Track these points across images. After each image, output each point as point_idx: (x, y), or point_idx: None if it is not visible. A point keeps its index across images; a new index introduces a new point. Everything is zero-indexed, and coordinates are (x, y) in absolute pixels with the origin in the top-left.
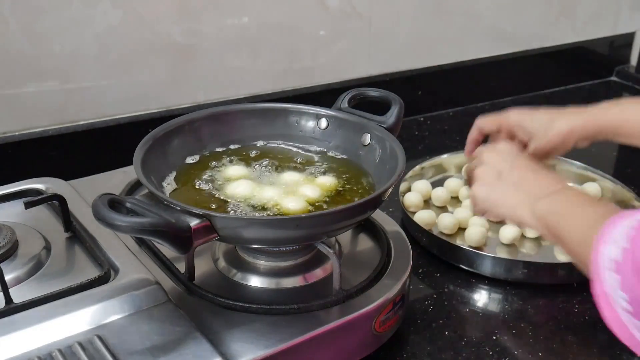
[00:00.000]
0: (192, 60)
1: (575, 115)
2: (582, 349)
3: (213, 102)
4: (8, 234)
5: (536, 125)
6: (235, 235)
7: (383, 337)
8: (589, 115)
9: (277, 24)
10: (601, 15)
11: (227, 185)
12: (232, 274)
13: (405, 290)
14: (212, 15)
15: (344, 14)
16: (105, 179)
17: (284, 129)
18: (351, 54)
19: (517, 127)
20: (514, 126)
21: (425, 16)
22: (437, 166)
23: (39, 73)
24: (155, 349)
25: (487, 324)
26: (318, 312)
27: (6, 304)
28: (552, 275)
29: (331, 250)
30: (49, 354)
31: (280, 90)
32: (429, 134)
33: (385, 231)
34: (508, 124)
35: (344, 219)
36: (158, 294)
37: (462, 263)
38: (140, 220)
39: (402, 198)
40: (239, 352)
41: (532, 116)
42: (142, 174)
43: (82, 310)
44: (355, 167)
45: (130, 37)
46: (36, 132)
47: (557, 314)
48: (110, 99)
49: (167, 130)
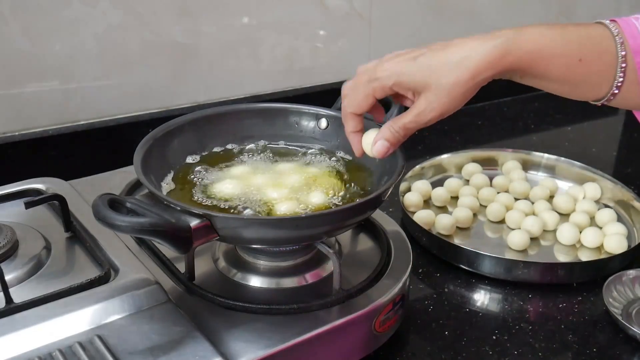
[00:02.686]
0: (192, 60)
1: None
2: (582, 349)
3: (213, 102)
4: (8, 234)
5: (420, 77)
6: (235, 235)
7: (383, 337)
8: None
9: (277, 24)
10: (601, 15)
11: (226, 185)
12: (232, 274)
13: (405, 290)
14: (212, 15)
15: (344, 14)
16: (105, 179)
17: (284, 129)
18: (351, 54)
19: (396, 87)
20: (391, 88)
21: (425, 16)
22: (437, 166)
23: (39, 73)
24: (156, 349)
25: (487, 324)
26: (318, 312)
27: (6, 304)
28: (552, 275)
29: (331, 250)
30: (49, 354)
31: (280, 90)
32: (429, 134)
33: (385, 231)
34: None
35: (343, 219)
36: (158, 294)
37: (462, 263)
38: (140, 220)
39: (402, 198)
40: (239, 352)
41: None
42: (142, 174)
43: (82, 310)
44: (356, 167)
45: (130, 37)
46: (36, 132)
47: (557, 314)
48: (110, 99)
49: (167, 130)
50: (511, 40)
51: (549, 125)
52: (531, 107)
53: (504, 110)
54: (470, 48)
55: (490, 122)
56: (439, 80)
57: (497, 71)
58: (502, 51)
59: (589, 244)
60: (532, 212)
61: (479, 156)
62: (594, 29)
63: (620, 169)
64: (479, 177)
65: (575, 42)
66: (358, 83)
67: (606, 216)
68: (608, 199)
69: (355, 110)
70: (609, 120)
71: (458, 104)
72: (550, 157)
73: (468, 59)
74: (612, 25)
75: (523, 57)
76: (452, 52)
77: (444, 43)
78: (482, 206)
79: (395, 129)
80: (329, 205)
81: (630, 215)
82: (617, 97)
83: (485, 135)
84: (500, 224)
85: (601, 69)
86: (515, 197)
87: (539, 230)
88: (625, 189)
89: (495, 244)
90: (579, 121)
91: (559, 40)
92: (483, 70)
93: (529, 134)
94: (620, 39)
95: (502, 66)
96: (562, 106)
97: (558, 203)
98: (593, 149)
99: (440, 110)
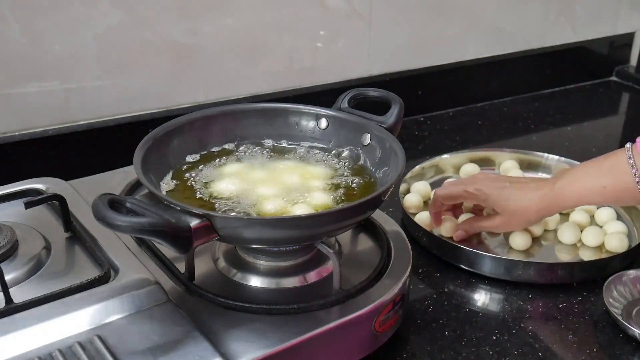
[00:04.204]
0: (192, 60)
1: (536, 195)
2: (582, 349)
3: (213, 102)
4: (8, 234)
5: (502, 204)
6: (235, 235)
7: (383, 337)
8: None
9: (277, 24)
10: (601, 15)
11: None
12: (232, 274)
13: (405, 290)
14: (212, 15)
15: (344, 14)
16: (105, 179)
17: (283, 129)
18: (351, 54)
19: (483, 203)
20: (478, 202)
21: (425, 16)
22: (437, 166)
23: (39, 73)
24: (155, 349)
25: (487, 324)
26: (318, 312)
27: (6, 304)
28: (552, 275)
29: (331, 250)
30: (49, 354)
31: (280, 90)
32: (429, 134)
33: (385, 231)
34: (470, 200)
35: (344, 219)
36: (158, 294)
37: (462, 263)
38: (140, 220)
39: (402, 199)
40: (239, 352)
41: (496, 191)
42: (142, 174)
43: (82, 310)
44: (356, 167)
45: (130, 37)
46: (36, 132)
47: (557, 314)
48: (110, 99)
49: (167, 130)
50: (558, 189)
51: (549, 125)
52: (531, 107)
53: (504, 110)
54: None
55: (490, 122)
56: (513, 213)
57: (554, 210)
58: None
59: (590, 243)
60: None
61: (476, 156)
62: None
63: None
64: None
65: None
66: (457, 185)
67: (606, 215)
68: None
69: (444, 201)
70: (609, 120)
71: (524, 226)
72: (550, 156)
73: (531, 202)
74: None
75: (567, 206)
76: (522, 194)
77: (521, 182)
78: None
79: (474, 227)
80: (329, 205)
81: (630, 215)
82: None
83: (485, 135)
84: None
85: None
86: None
87: (540, 230)
88: None
89: (496, 244)
90: (579, 121)
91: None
92: (542, 210)
93: (529, 134)
94: (631, 160)
95: (556, 208)
96: (562, 106)
97: None
98: (593, 149)
99: (509, 229)
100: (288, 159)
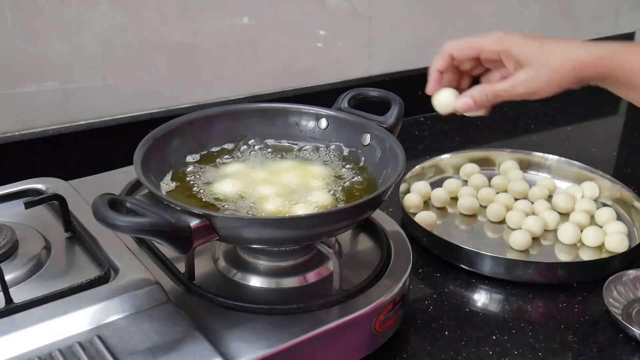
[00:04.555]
0: (192, 60)
1: (583, 48)
2: (582, 349)
3: (213, 102)
4: (8, 234)
5: (529, 52)
6: (235, 235)
7: (383, 337)
8: (601, 51)
9: (277, 24)
10: (601, 15)
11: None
12: (232, 274)
13: (405, 290)
14: (212, 15)
15: (344, 14)
16: (105, 179)
17: (284, 129)
18: (351, 54)
19: (504, 53)
20: (499, 52)
21: (425, 16)
22: (437, 166)
23: (39, 73)
24: (155, 349)
25: (487, 324)
26: (318, 312)
27: (6, 304)
28: (552, 275)
29: (331, 250)
30: (49, 354)
31: (280, 90)
32: (429, 134)
33: (385, 231)
34: (491, 51)
35: (344, 219)
36: (158, 294)
37: (462, 263)
38: (140, 220)
39: (402, 199)
40: (239, 352)
41: (523, 40)
42: (142, 174)
43: (82, 310)
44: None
45: (130, 37)
46: (36, 132)
47: (557, 314)
48: (110, 99)
49: (167, 130)
50: (615, 51)
51: (549, 125)
52: (531, 107)
53: (504, 110)
54: (578, 45)
55: (490, 122)
56: (546, 60)
57: (598, 72)
58: (607, 55)
59: (590, 243)
60: (532, 212)
61: (476, 156)
62: None
63: (620, 169)
64: (477, 178)
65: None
66: (472, 36)
67: (606, 215)
68: (606, 198)
69: (455, 53)
70: (609, 120)
71: (552, 90)
72: (550, 157)
73: (576, 52)
74: None
75: (624, 66)
76: (563, 43)
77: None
78: (481, 207)
79: (487, 93)
80: (329, 205)
81: (631, 215)
82: None
83: (485, 135)
84: (501, 224)
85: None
86: (514, 197)
87: (540, 230)
88: (625, 188)
89: (496, 244)
90: (579, 121)
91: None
92: (585, 67)
93: (529, 134)
94: None
95: (603, 68)
96: (562, 106)
97: (557, 202)
98: (593, 149)
99: (536, 87)
100: (288, 158)
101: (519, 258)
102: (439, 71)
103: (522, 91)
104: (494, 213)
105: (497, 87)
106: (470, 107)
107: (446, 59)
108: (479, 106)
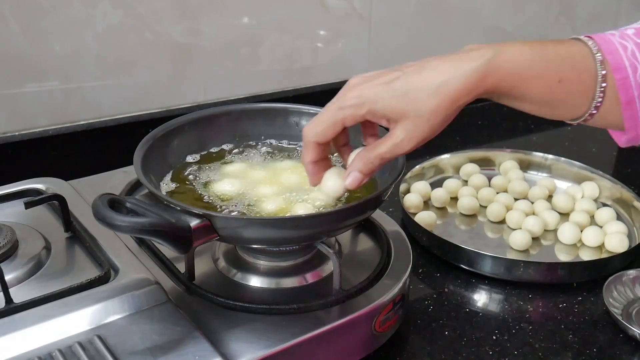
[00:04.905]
0: (192, 60)
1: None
2: (582, 349)
3: (213, 102)
4: (8, 234)
5: (395, 105)
6: (235, 235)
7: (383, 337)
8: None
9: (277, 24)
10: (601, 15)
11: (225, 184)
12: (232, 274)
13: (405, 290)
14: (212, 15)
15: (344, 14)
16: (105, 179)
17: (284, 129)
18: (351, 54)
19: (369, 115)
20: (363, 117)
21: (425, 16)
22: (437, 166)
23: (39, 73)
24: (155, 349)
25: (487, 324)
26: (318, 312)
27: (6, 304)
28: (552, 275)
29: (331, 250)
30: (49, 354)
31: (280, 90)
32: None
33: (385, 231)
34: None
35: (344, 219)
36: (158, 294)
37: (462, 263)
38: (140, 220)
39: (402, 199)
40: (239, 352)
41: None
42: (142, 174)
43: (82, 310)
44: None
45: (130, 37)
46: (36, 132)
47: (557, 314)
48: (110, 99)
49: (167, 130)
50: (491, 62)
51: (549, 125)
52: None
53: (504, 110)
54: (447, 72)
55: (490, 122)
56: (417, 108)
57: (478, 94)
58: (482, 74)
59: (591, 243)
60: (532, 211)
61: (476, 156)
62: (574, 46)
63: (620, 169)
64: (477, 178)
65: (555, 62)
66: (325, 110)
67: (606, 215)
68: (606, 198)
69: (319, 139)
70: None
71: (437, 131)
72: (550, 157)
73: (447, 85)
74: (591, 42)
75: (504, 79)
76: (429, 76)
77: (418, 64)
78: (481, 207)
79: (371, 160)
80: (329, 205)
81: (631, 215)
82: (594, 117)
83: (485, 135)
84: (501, 224)
85: (580, 90)
86: (514, 197)
87: (540, 230)
88: (625, 188)
89: (496, 244)
90: None
91: (539, 60)
92: (464, 95)
93: (529, 134)
94: (600, 57)
95: (482, 89)
96: None
97: (557, 202)
98: (593, 149)
99: (420, 139)
100: (288, 158)
101: (519, 258)
102: (312, 163)
103: (407, 148)
104: (494, 213)
105: (380, 151)
106: (361, 180)
107: (314, 149)
108: (368, 175)
